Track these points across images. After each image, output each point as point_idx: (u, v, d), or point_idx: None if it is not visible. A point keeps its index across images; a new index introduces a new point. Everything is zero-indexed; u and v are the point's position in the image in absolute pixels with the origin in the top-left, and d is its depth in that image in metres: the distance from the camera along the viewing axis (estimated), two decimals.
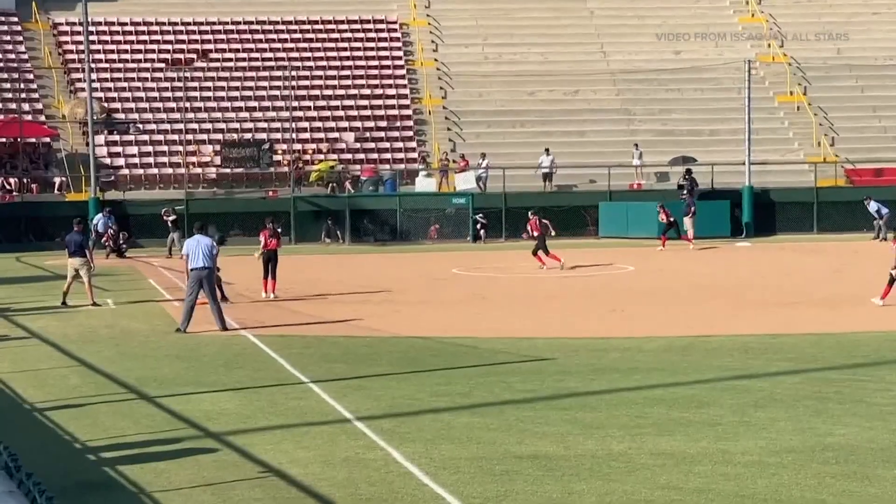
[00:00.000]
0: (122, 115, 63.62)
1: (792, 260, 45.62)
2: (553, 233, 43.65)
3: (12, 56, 65.35)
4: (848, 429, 15.67)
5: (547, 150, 60.65)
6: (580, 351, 23.29)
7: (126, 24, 68.53)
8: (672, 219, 50.56)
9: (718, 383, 19.26)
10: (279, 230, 35.82)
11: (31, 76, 64.73)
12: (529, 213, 44.64)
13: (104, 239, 50.05)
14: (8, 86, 63.52)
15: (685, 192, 56.50)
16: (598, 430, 15.73)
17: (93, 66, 60.67)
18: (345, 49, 68.52)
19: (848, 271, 40.50)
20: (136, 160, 61.53)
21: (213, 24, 69.11)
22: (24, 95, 62.69)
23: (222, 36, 68.51)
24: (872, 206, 55.69)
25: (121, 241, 51.18)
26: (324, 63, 67.53)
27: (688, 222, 53.14)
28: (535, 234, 42.61)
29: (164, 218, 51.17)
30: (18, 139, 59.47)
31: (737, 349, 23.19)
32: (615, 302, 31.70)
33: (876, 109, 66.64)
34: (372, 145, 63.59)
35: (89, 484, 13.44)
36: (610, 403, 17.63)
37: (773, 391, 18.51)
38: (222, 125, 63.60)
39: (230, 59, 67.09)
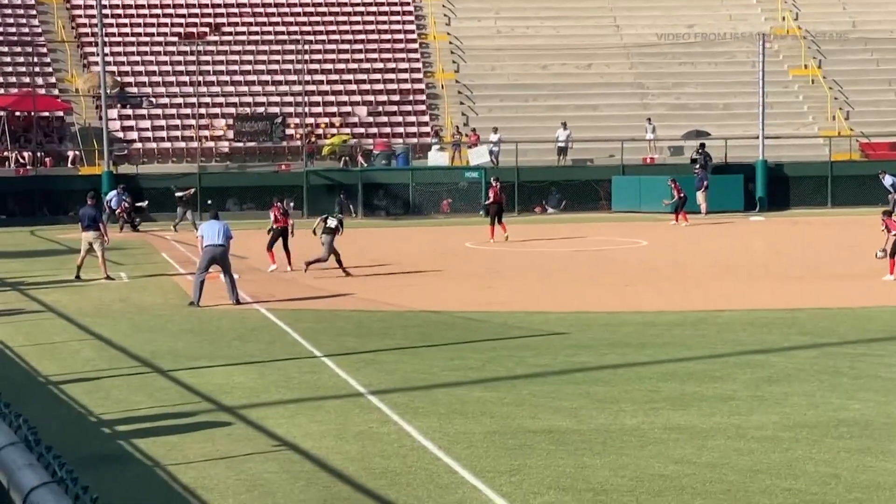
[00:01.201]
0: (135, 89, 63.57)
1: (806, 234, 45.51)
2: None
3: (26, 30, 65.29)
4: (862, 403, 15.64)
5: (564, 123, 60.48)
6: (593, 325, 23.27)
7: None
8: (683, 194, 50.42)
9: (732, 358, 19.23)
10: (289, 208, 35.84)
11: (44, 50, 64.68)
12: (492, 178, 44.64)
13: (118, 212, 49.97)
14: (21, 59, 63.49)
15: (698, 166, 56.35)
16: (610, 405, 15.72)
17: (106, 39, 60.56)
18: (357, 23, 68.35)
19: (863, 246, 40.37)
20: (149, 134, 61.51)
21: None
22: (37, 69, 62.69)
23: (235, 10, 68.38)
24: (887, 181, 55.47)
25: (134, 216, 51.11)
26: (336, 37, 67.39)
27: (700, 196, 53.05)
28: (494, 201, 42.68)
29: (178, 195, 51.01)
30: (32, 113, 59.46)
31: (750, 324, 23.15)
32: (628, 276, 31.65)
33: (891, 83, 66.33)
34: (384, 119, 63.49)
35: (103, 457, 13.47)
36: (623, 378, 17.62)
37: (786, 366, 18.48)
38: (235, 99, 63.52)
39: (243, 33, 66.97)
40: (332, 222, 31.52)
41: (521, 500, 11.59)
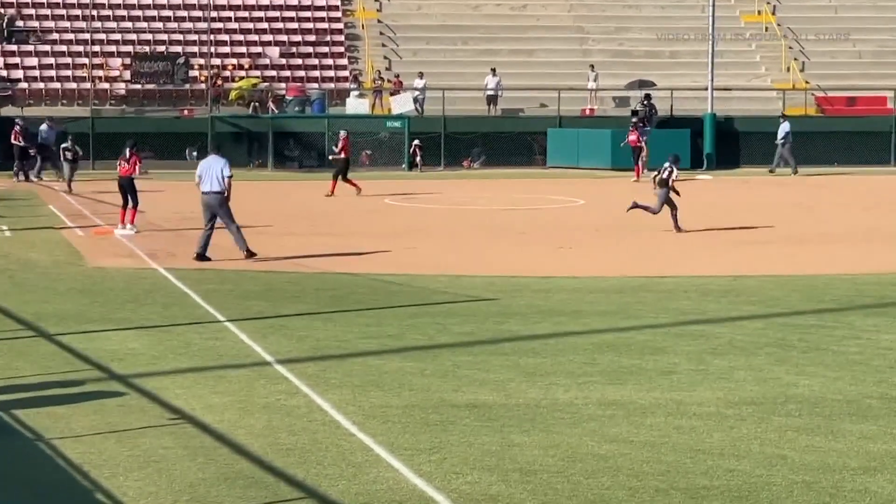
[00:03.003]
0: (21, 23, 62.72)
1: (756, 194, 45.90)
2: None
3: None
4: (812, 379, 15.81)
5: (493, 70, 60.48)
6: (523, 291, 23.35)
7: None
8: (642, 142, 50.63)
9: (674, 328, 19.38)
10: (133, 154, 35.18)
11: None
12: (342, 130, 44.79)
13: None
14: None
15: (636, 119, 56.37)
16: (542, 378, 15.79)
17: None
18: None
19: (816, 207, 40.84)
20: (37, 73, 60.81)
21: None
22: None
23: None
24: (784, 128, 55.55)
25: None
26: None
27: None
28: (343, 155, 42.93)
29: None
30: None
31: (694, 291, 23.32)
32: (562, 238, 31.78)
33: (850, 33, 66.88)
34: (299, 62, 63.17)
35: None
36: (555, 349, 17.70)
37: (732, 337, 18.64)
38: (133, 36, 62.90)
39: None
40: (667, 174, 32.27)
41: (442, 480, 11.63)
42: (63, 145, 46.20)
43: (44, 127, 49.83)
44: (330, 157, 44.23)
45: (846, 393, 15.12)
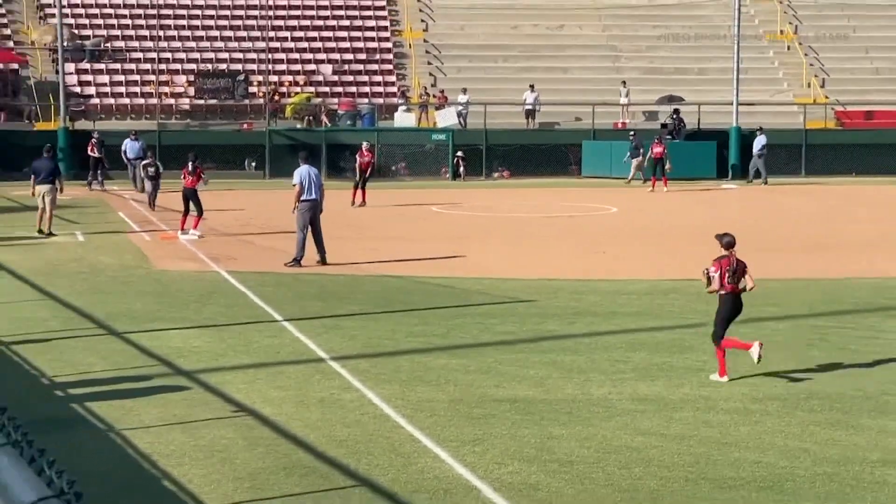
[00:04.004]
0: (91, 42, 63.06)
1: (779, 203, 45.66)
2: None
3: None
4: (833, 377, 15.72)
5: (532, 86, 60.45)
6: (560, 293, 23.30)
7: None
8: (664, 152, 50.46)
9: (702, 328, 19.26)
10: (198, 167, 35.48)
11: None
12: (364, 143, 44.76)
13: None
14: None
15: (668, 132, 56.50)
16: (578, 375, 15.76)
17: None
18: None
19: (837, 216, 40.58)
20: (108, 89, 61.14)
21: None
22: None
23: None
24: (760, 141, 55.24)
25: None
26: None
27: (634, 163, 53.31)
28: (363, 167, 42.69)
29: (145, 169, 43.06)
30: None
31: None
32: (598, 243, 31.70)
33: (868, 50, 66.56)
34: (350, 78, 63.30)
35: (56, 420, 13.42)
36: (590, 347, 17.67)
37: (758, 337, 18.53)
38: (196, 55, 63.20)
39: None
40: None
41: (485, 470, 11.62)
42: (144, 162, 41.99)
43: (127, 140, 49.70)
44: (356, 167, 43.93)
45: (866, 390, 15.03)
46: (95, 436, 12.88)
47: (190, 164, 32.57)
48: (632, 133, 54.95)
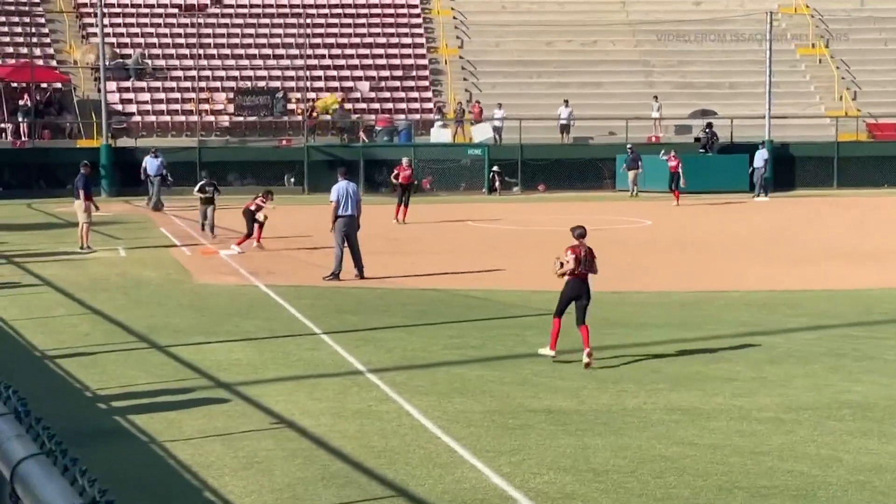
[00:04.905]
0: (134, 61, 63.40)
1: (811, 215, 45.49)
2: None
3: (24, 0, 65.15)
4: (865, 386, 15.66)
5: (566, 101, 60.46)
6: (595, 305, 23.19)
7: None
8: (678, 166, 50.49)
9: (734, 339, 19.25)
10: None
11: (42, 20, 64.56)
12: (404, 159, 44.70)
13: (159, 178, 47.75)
14: (20, 30, 63.37)
15: (701, 146, 56.54)
16: (612, 385, 15.74)
17: (105, 10, 60.47)
18: None
19: (868, 227, 40.40)
20: (149, 107, 61.46)
21: None
22: (35, 40, 62.55)
23: None
24: (762, 155, 54.95)
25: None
26: (339, 10, 67.26)
27: (631, 175, 53.28)
28: (404, 182, 42.49)
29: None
30: (30, 84, 59.38)
31: (754, 304, 23.17)
32: (631, 256, 31.64)
33: None
34: (387, 95, 63.41)
35: (99, 432, 13.49)
36: (624, 358, 17.64)
37: (789, 347, 18.50)
38: (236, 73, 63.45)
39: (244, 6, 66.83)
40: None
41: (521, 480, 11.61)
42: (201, 182, 37.34)
43: (147, 158, 49.45)
44: (397, 183, 43.82)
45: None
46: (137, 447, 12.94)
47: (261, 194, 33.77)
48: (629, 146, 55.04)
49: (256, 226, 32.80)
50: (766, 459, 12.28)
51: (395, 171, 43.54)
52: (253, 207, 33.00)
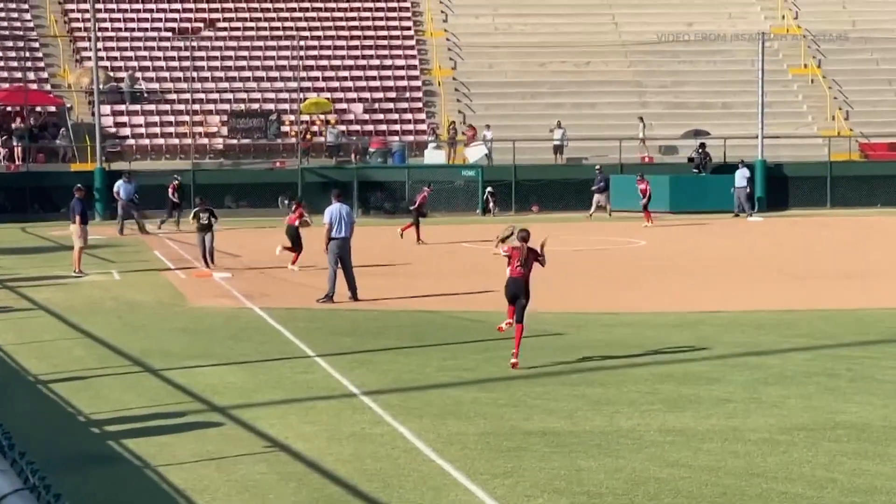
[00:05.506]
0: (125, 85, 63.43)
1: (805, 235, 45.51)
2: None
3: (18, 24, 65.19)
4: (860, 406, 15.63)
5: (559, 122, 60.58)
6: (589, 326, 23.26)
7: None
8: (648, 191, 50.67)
9: (729, 359, 19.22)
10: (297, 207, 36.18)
11: (36, 45, 64.60)
12: (426, 187, 45.03)
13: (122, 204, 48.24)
14: (13, 54, 63.41)
15: (694, 166, 56.64)
16: (606, 407, 15.71)
17: (99, 34, 60.52)
18: (353, 18, 68.30)
19: (862, 246, 40.41)
20: (143, 130, 61.46)
21: None
22: (29, 64, 62.56)
23: (230, 4, 68.28)
24: (743, 174, 55.03)
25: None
26: (332, 33, 67.35)
27: (597, 198, 53.44)
28: (421, 206, 42.78)
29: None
30: (24, 107, 59.38)
31: (748, 325, 23.15)
32: (626, 276, 31.64)
33: (891, 83, 66.34)
34: (381, 116, 63.46)
35: (93, 457, 13.44)
36: (619, 379, 17.61)
37: (784, 368, 18.48)
38: (229, 95, 63.47)
39: (238, 28, 66.92)
40: None
41: (515, 502, 11.57)
42: (195, 209, 35.38)
43: (120, 182, 49.38)
44: (411, 208, 44.12)
45: (892, 419, 14.93)
46: (131, 472, 12.89)
47: (294, 204, 35.54)
48: (598, 167, 55.16)
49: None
50: (760, 481, 12.25)
51: (425, 195, 43.71)
52: (297, 223, 33.30)
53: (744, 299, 27.10)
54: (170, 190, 49.20)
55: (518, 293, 18.75)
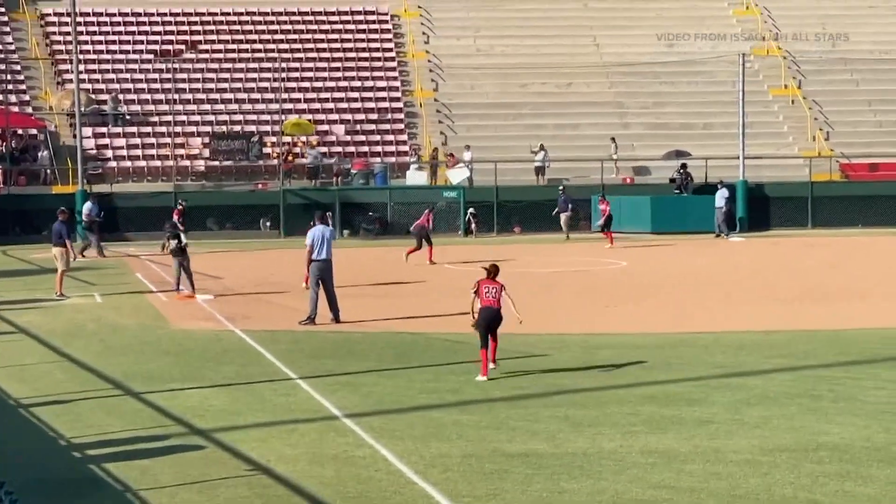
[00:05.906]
0: (110, 107, 63.36)
1: (786, 255, 45.60)
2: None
3: None
4: (842, 428, 15.65)
5: (542, 146, 60.70)
6: (571, 347, 23.27)
7: (114, 14, 68.31)
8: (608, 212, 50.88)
9: (711, 381, 19.24)
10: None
11: (17, 67, 64.52)
12: (429, 209, 45.14)
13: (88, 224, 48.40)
14: None
15: (675, 187, 56.81)
16: (589, 428, 15.71)
17: (81, 57, 60.50)
18: (335, 41, 68.38)
19: (843, 266, 40.51)
20: (125, 152, 61.38)
21: (203, 14, 68.94)
22: (10, 87, 62.48)
23: (212, 27, 68.35)
24: (723, 195, 55.24)
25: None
26: (314, 55, 67.41)
27: (563, 219, 53.66)
28: (423, 228, 42.88)
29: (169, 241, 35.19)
30: (6, 130, 59.27)
31: (730, 346, 23.17)
32: (607, 298, 31.67)
33: (871, 104, 66.63)
34: (363, 138, 63.48)
35: (74, 481, 13.39)
36: (601, 401, 17.61)
37: (766, 389, 18.50)
38: (211, 117, 63.45)
39: (219, 51, 66.94)
40: None
41: None
42: (167, 235, 34.81)
43: (88, 204, 49.50)
44: (411, 230, 44.14)
45: (874, 440, 14.95)
46: (113, 497, 12.85)
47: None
48: (560, 188, 55.35)
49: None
50: (742, 502, 12.26)
51: (428, 217, 43.71)
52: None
53: (725, 320, 27.14)
54: (175, 215, 48.21)
55: (490, 322, 19.91)
